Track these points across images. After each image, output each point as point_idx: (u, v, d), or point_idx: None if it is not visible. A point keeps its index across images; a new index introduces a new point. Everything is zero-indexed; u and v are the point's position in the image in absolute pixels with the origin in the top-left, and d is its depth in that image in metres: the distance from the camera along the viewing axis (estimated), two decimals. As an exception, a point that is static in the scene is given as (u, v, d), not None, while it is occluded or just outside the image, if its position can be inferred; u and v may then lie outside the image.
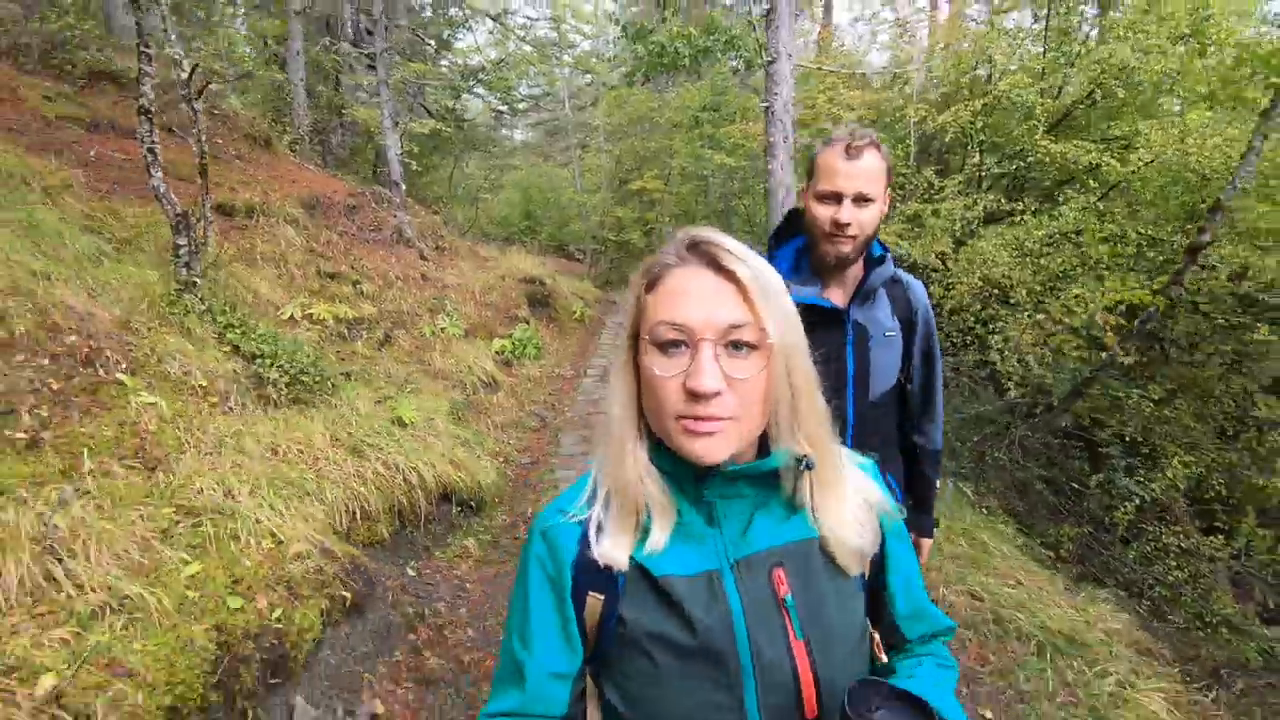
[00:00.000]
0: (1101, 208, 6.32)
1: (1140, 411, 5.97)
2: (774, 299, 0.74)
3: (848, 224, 1.45)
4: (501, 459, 4.52)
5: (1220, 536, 5.73)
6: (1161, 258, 5.87)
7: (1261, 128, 4.12)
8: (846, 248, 1.49)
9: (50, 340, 2.98)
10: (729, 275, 0.72)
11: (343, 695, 2.28)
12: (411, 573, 3.01)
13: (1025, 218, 6.65)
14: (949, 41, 8.79)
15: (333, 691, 2.26)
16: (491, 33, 14.21)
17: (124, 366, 3.06)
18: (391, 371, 4.96)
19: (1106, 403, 6.06)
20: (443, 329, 6.45)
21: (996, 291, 6.40)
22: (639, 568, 0.76)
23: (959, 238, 7.17)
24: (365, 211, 8.05)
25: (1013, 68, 7.91)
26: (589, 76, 22.72)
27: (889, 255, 1.61)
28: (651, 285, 0.76)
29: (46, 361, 2.83)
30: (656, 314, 0.73)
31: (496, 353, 6.57)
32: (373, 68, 11.96)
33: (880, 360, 1.59)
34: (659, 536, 0.76)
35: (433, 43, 13.06)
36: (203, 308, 3.92)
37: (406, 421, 3.70)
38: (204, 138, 3.86)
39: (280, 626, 2.12)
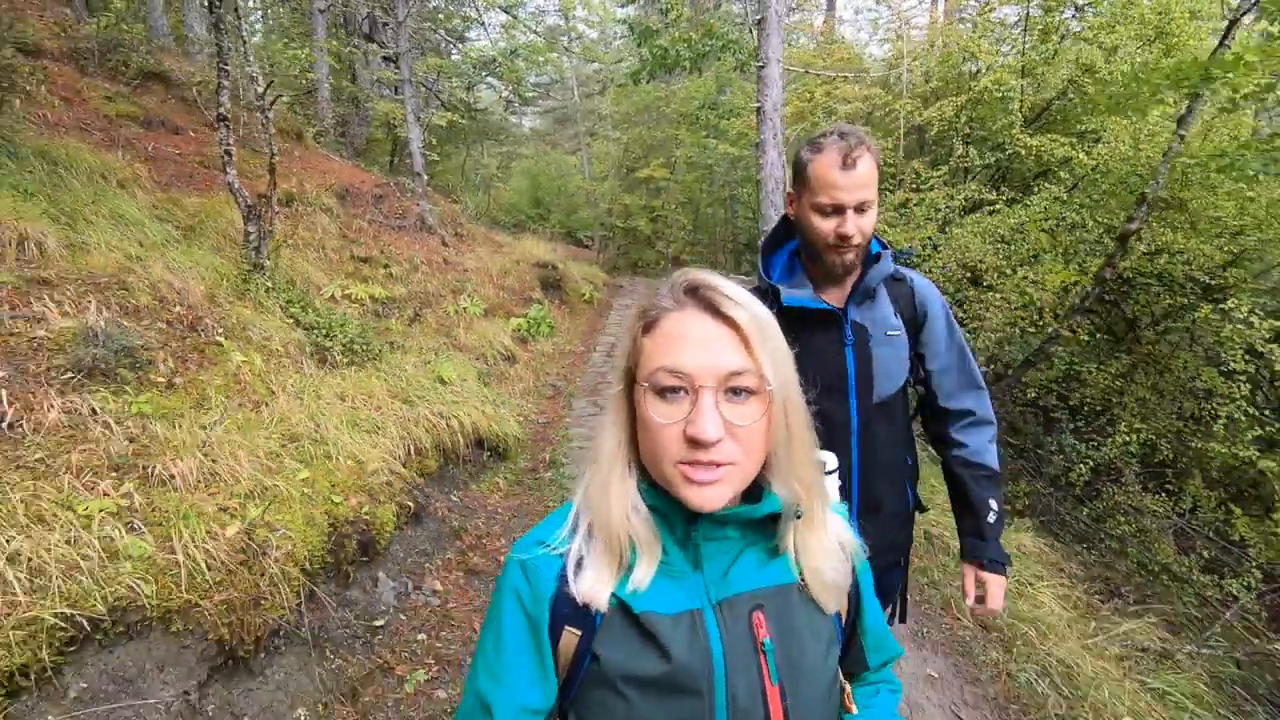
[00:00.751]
0: (1066, 198, 6.94)
1: (1097, 384, 6.64)
2: (771, 342, 0.75)
3: (852, 235, 1.43)
4: (522, 418, 5.24)
5: (1169, 497, 6.40)
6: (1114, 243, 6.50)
7: (1177, 131, 4.75)
8: (851, 255, 1.48)
9: (162, 309, 3.71)
10: (728, 321, 0.73)
11: (410, 576, 3.01)
12: (455, 498, 3.74)
13: (1000, 206, 7.27)
14: (937, 40, 9.34)
15: (403, 574, 3.00)
16: (503, 26, 14.75)
17: (220, 331, 3.79)
18: (423, 345, 5.67)
19: (1062, 374, 6.71)
20: (465, 308, 7.16)
21: (970, 275, 7.04)
22: (620, 604, 0.76)
23: (941, 225, 7.79)
24: (390, 201, 8.76)
25: (999, 64, 8.46)
26: (597, 64, 23.27)
27: (888, 252, 1.56)
28: (649, 328, 0.76)
29: (164, 325, 3.55)
30: (655, 359, 0.73)
31: (513, 330, 7.28)
32: (389, 59, 12.64)
33: (885, 360, 1.53)
34: (644, 574, 0.76)
35: (448, 36, 13.65)
36: (269, 286, 4.64)
37: (446, 380, 4.42)
38: (273, 143, 4.55)
39: (368, 519, 2.85)
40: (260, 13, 16.50)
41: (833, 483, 1.42)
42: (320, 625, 2.43)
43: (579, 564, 0.77)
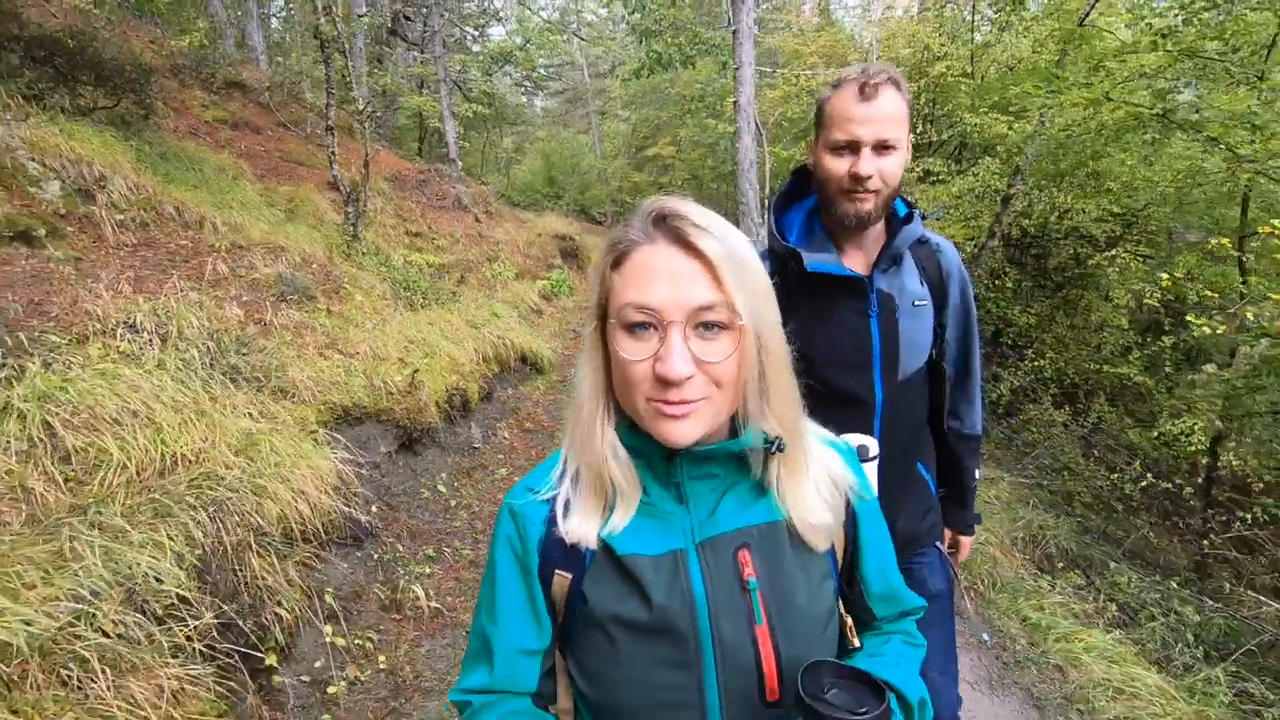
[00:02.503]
0: (998, 169, 8.47)
1: (1021, 325, 8.25)
2: (745, 275, 0.73)
3: (868, 176, 1.30)
4: (551, 350, 6.98)
5: (1079, 414, 8.01)
6: (1037, 206, 8.06)
7: (1035, 119, 6.33)
8: (868, 204, 1.34)
9: (305, 265, 5.45)
10: (697, 253, 0.71)
11: (488, 428, 4.77)
12: (510, 391, 5.50)
13: (945, 177, 8.84)
14: (902, 30, 10.80)
15: (484, 426, 4.76)
16: (517, 19, 16.30)
17: (344, 280, 5.53)
18: (472, 298, 7.42)
19: (995, 316, 8.32)
20: (499, 273, 8.89)
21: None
22: (604, 546, 0.78)
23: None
24: (431, 184, 10.48)
25: (952, 54, 9.92)
26: (603, 46, 24.67)
27: (917, 213, 1.45)
28: (618, 262, 0.75)
29: (311, 274, 5.30)
30: (624, 295, 0.73)
31: (540, 290, 9.02)
32: (415, 47, 14.27)
33: (910, 333, 1.44)
34: (622, 515, 0.78)
35: (474, 32, 15.27)
36: (364, 251, 6.38)
37: (499, 315, 6.16)
38: (369, 145, 6.26)
39: (463, 390, 4.61)
40: (292, 9, 18.14)
41: (872, 470, 1.33)
42: (445, 441, 4.21)
43: (566, 507, 0.80)
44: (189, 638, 1.85)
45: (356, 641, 2.58)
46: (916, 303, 1.44)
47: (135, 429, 2.45)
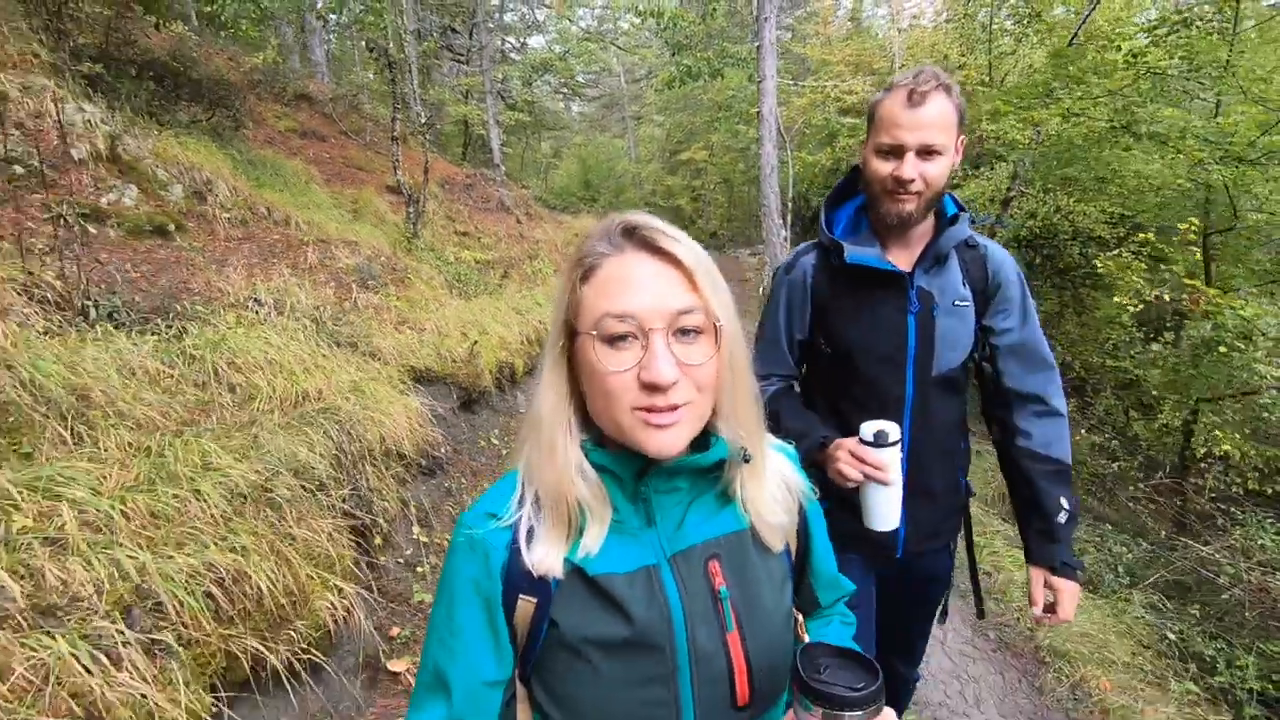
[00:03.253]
0: (1011, 172, 9.00)
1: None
2: (715, 280, 0.75)
3: (910, 180, 1.34)
4: (586, 338, 7.79)
5: (1085, 407, 8.49)
6: (1042, 209, 8.57)
7: (1028, 130, 6.89)
8: (910, 205, 1.38)
9: (374, 257, 6.32)
10: (670, 259, 0.73)
11: (529, 397, 5.60)
12: (550, 370, 6.33)
13: (960, 181, 9.40)
14: (924, 40, 11.36)
15: (526, 396, 5.56)
16: (558, 31, 17.20)
17: (406, 271, 6.39)
18: (516, 291, 8.25)
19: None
20: (539, 269, 9.72)
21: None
22: (574, 569, 0.78)
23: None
24: (477, 188, 11.39)
25: (970, 63, 10.46)
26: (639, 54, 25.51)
27: (965, 214, 1.45)
28: (587, 275, 0.75)
29: (379, 265, 6.16)
30: (599, 306, 0.73)
31: (576, 285, 9.84)
32: (459, 60, 15.27)
33: (948, 331, 1.44)
34: (595, 537, 0.78)
35: (515, 43, 16.24)
36: (422, 247, 7.25)
37: (540, 304, 6.97)
38: (428, 155, 7.14)
39: (511, 364, 5.41)
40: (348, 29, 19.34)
41: (894, 455, 1.29)
42: (497, 405, 5.01)
43: (529, 534, 0.78)
44: (332, 506, 2.64)
45: (436, 540, 3.37)
46: (957, 302, 1.45)
47: (274, 372, 3.28)
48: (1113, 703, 2.75)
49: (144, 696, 1.56)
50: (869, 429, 1.28)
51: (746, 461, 0.82)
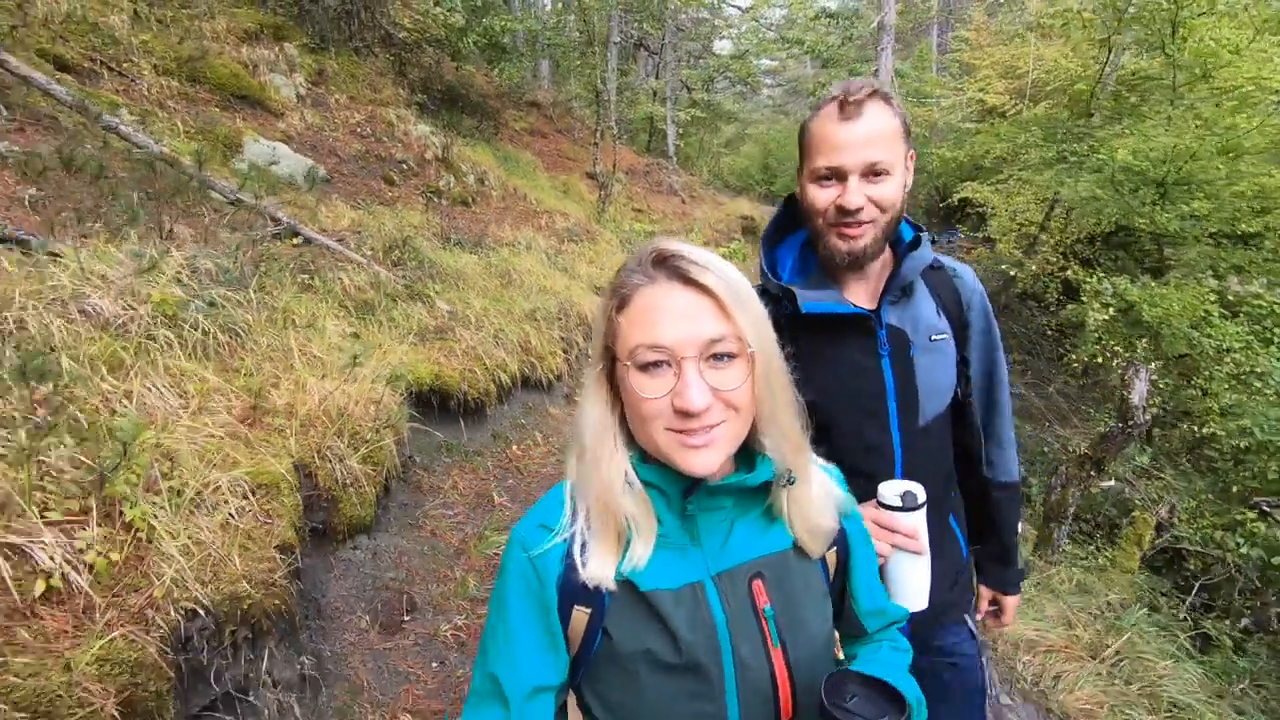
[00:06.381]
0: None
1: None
2: (747, 305, 0.81)
3: (858, 208, 1.21)
4: (716, 291, 10.89)
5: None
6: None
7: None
8: (862, 240, 1.24)
9: (577, 223, 9.89)
10: (701, 288, 0.79)
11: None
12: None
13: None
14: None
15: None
16: (742, 31, 20.07)
17: (595, 234, 9.90)
18: (670, 253, 11.57)
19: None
20: (693, 239, 12.92)
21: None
22: (625, 582, 0.83)
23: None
24: (653, 174, 14.82)
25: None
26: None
27: (925, 235, 1.33)
28: (623, 305, 0.82)
29: (579, 229, 9.71)
30: (634, 336, 0.79)
31: (721, 255, 12.95)
32: (656, 55, 18.72)
33: (929, 372, 1.33)
34: (643, 551, 0.83)
35: (698, 46, 19.46)
36: (607, 220, 10.77)
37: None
38: (615, 151, 10.59)
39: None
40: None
41: (922, 519, 1.18)
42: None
43: (583, 547, 0.85)
44: (553, 330, 6.08)
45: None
46: (934, 337, 1.33)
47: (529, 275, 6.81)
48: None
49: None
50: (891, 491, 1.17)
51: (791, 484, 0.87)
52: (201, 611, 1.66)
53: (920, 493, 1.17)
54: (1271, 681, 3.62)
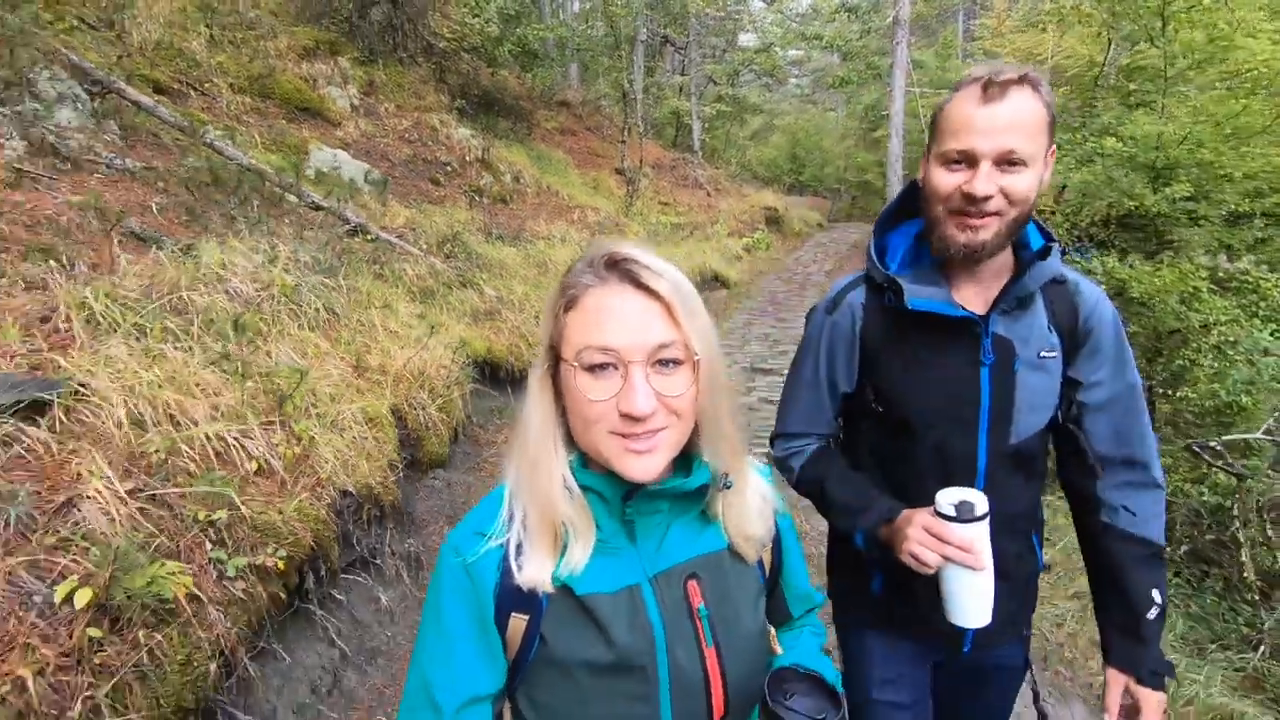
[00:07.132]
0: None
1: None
2: (696, 313, 0.79)
3: (986, 196, 1.08)
4: (738, 277, 11.49)
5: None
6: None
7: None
8: (984, 232, 1.11)
9: (606, 217, 10.61)
10: (653, 294, 0.77)
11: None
12: (706, 294, 10.21)
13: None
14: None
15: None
16: (768, 25, 20.55)
17: (623, 226, 10.61)
18: (694, 244, 12.21)
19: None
20: (716, 231, 13.58)
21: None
22: (563, 587, 0.83)
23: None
24: (679, 169, 15.47)
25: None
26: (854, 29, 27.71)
27: (1056, 246, 1.18)
28: (571, 304, 0.80)
29: (608, 222, 10.42)
30: (582, 337, 0.78)
31: (743, 244, 13.55)
32: (681, 51, 19.32)
33: (1031, 390, 1.22)
34: (580, 555, 0.83)
35: (722, 43, 20.02)
36: (637, 212, 11.47)
37: (705, 253, 10.87)
38: (642, 148, 11.28)
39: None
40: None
41: (983, 530, 1.07)
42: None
43: (519, 550, 0.83)
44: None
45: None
46: (1043, 354, 1.22)
47: (566, 266, 7.57)
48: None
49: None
50: (948, 499, 1.08)
51: (728, 488, 0.88)
52: (349, 491, 2.42)
53: (980, 504, 1.06)
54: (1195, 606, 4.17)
